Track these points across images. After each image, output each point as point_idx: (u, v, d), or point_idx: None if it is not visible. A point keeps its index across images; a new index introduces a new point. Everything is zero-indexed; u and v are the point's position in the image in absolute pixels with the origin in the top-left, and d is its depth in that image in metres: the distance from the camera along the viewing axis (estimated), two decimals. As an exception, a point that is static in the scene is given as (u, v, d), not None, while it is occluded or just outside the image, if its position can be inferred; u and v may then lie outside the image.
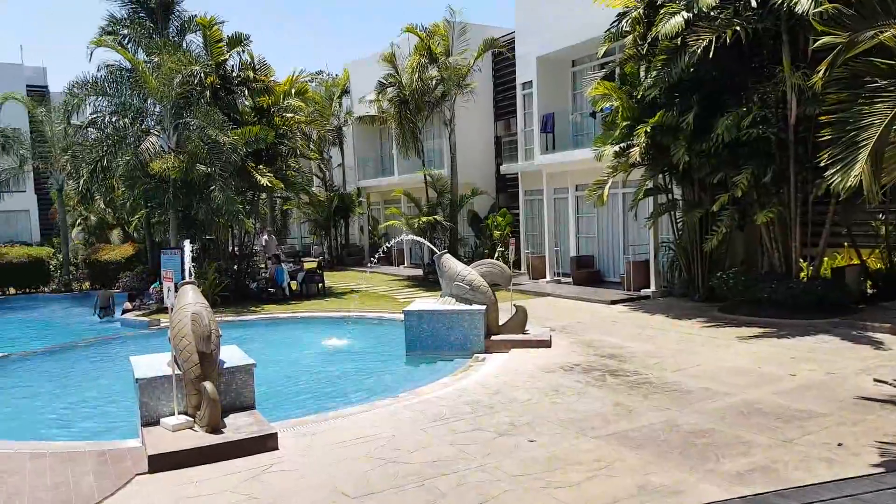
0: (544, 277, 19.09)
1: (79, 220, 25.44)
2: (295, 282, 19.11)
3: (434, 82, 19.90)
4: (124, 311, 16.41)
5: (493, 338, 10.61)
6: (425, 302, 11.82)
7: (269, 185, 17.70)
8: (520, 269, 20.16)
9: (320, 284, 19.26)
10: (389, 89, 20.53)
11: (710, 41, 11.34)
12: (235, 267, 18.85)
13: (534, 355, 9.93)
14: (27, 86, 24.80)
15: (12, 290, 21.34)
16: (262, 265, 21.27)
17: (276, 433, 6.30)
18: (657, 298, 15.36)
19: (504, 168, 22.28)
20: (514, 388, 8.16)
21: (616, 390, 7.93)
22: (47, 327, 16.72)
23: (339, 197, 27.97)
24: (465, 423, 6.85)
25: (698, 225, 14.18)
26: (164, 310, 16.13)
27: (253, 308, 16.44)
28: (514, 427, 6.68)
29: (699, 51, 11.40)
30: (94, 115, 18.01)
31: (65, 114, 19.57)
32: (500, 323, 10.99)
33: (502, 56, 21.71)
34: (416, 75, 19.26)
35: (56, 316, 18.26)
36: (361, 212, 28.40)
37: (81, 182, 17.82)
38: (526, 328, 11.06)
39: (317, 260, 27.58)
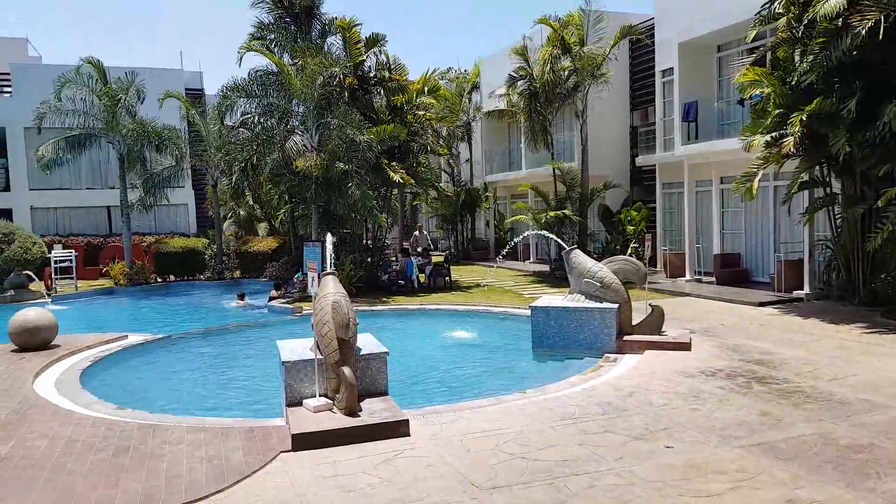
0: (683, 276, 18.19)
1: (230, 214, 27.64)
2: (423, 275, 19.59)
3: (566, 73, 19.55)
4: (270, 299, 17.61)
5: (626, 338, 10.25)
6: (553, 298, 11.64)
7: (401, 181, 18.26)
8: (655, 267, 19.34)
9: (447, 278, 19.61)
10: (520, 82, 20.43)
11: (877, 21, 10.23)
12: (369, 259, 19.64)
13: (671, 358, 9.48)
14: (185, 89, 27.17)
15: (172, 277, 23.55)
16: (393, 258, 21.99)
17: (407, 420, 6.48)
18: (811, 301, 14.13)
19: (640, 160, 21.46)
20: (648, 392, 7.83)
21: (763, 398, 7.38)
22: (201, 311, 18.31)
23: (466, 192, 28.30)
24: (596, 424, 6.67)
25: (860, 222, 12.87)
26: (305, 298, 17.20)
27: (384, 299, 17.04)
28: (649, 432, 6.41)
29: (864, 32, 10.32)
30: (245, 117, 19.46)
31: (218, 115, 21.32)
32: (634, 323, 10.60)
33: (640, 43, 20.92)
34: (548, 67, 19.00)
35: (209, 301, 19.95)
36: (488, 206, 28.55)
37: (234, 179, 19.33)
38: (663, 329, 10.58)
39: (444, 254, 28.10)
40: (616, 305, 10.31)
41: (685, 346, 10.00)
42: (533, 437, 6.32)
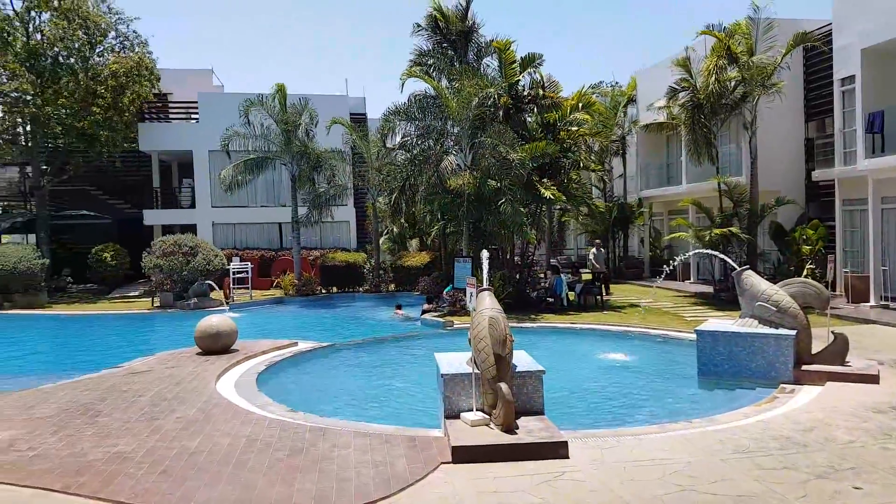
0: (867, 301, 16.31)
1: (385, 231, 28.96)
2: (573, 293, 19.21)
3: (733, 83, 18.44)
4: (423, 312, 18.15)
5: (805, 367, 9.31)
6: (720, 322, 10.90)
7: (551, 197, 18.10)
8: (835, 291, 17.51)
9: (598, 297, 19.06)
10: (682, 94, 19.57)
11: None
12: (517, 276, 19.61)
13: (856, 391, 8.49)
14: (350, 113, 28.98)
15: (335, 289, 25.07)
16: (542, 275, 21.79)
17: (566, 441, 6.33)
18: None
19: (817, 174, 19.62)
20: (831, 427, 7.05)
21: (978, 445, 6.35)
22: (361, 322, 19.26)
23: (619, 207, 27.42)
24: (773, 459, 6.10)
25: None
26: (456, 312, 17.54)
27: (532, 316, 16.90)
28: (835, 470, 5.75)
29: None
30: (404, 139, 20.37)
31: (381, 138, 22.52)
32: (814, 351, 9.62)
33: (815, 50, 19.27)
34: (713, 77, 18.02)
35: (368, 312, 20.96)
36: (642, 223, 27.45)
37: (393, 198, 20.24)
38: (846, 359, 9.51)
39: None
40: (794, 332, 9.43)
41: (872, 379, 8.94)
42: (703, 469, 5.91)
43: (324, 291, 24.81)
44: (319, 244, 29.24)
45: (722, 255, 12.48)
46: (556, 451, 6.23)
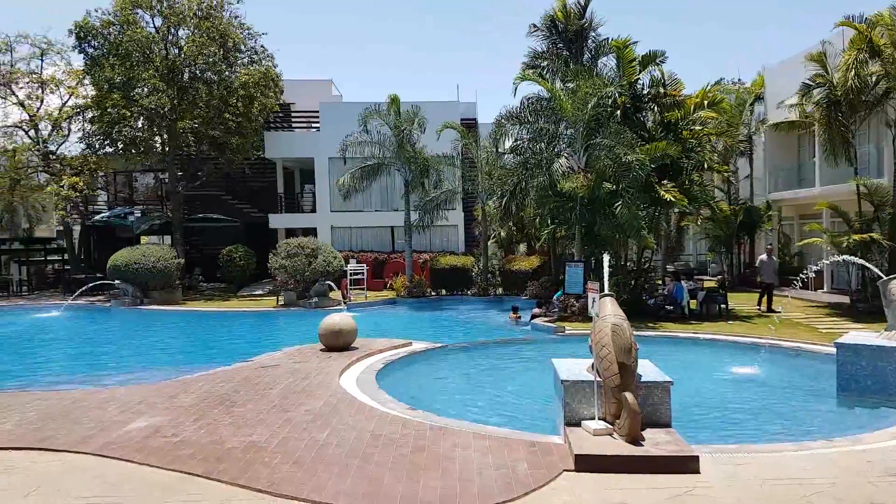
0: None
1: (493, 235, 29.02)
2: (694, 301, 18.34)
3: (874, 79, 16.92)
4: (533, 317, 17.98)
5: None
6: (862, 335, 10.00)
7: (672, 199, 17.38)
8: None
9: (722, 306, 18.08)
10: (816, 90, 18.19)
11: None
12: (633, 282, 18.99)
13: None
14: (461, 119, 29.27)
15: (444, 291, 25.41)
16: (659, 281, 20.97)
17: (697, 456, 6.03)
18: None
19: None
20: None
21: None
22: (470, 324, 19.38)
23: (745, 211, 25.85)
24: (935, 486, 5.51)
25: None
26: (566, 317, 17.25)
27: (650, 325, 16.29)
28: None
29: None
30: (515, 143, 20.30)
31: (493, 142, 22.60)
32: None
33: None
34: (852, 72, 16.62)
35: (476, 315, 21.06)
36: (770, 227, 25.75)
37: (503, 201, 20.23)
38: None
39: (716, 279, 26.01)
40: (954, 348, 8.50)
41: None
42: (850, 491, 5.45)
43: (433, 293, 25.22)
44: (429, 247, 29.77)
45: (865, 263, 11.48)
46: (686, 465, 5.96)
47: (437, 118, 25.56)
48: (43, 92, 30.53)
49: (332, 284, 23.35)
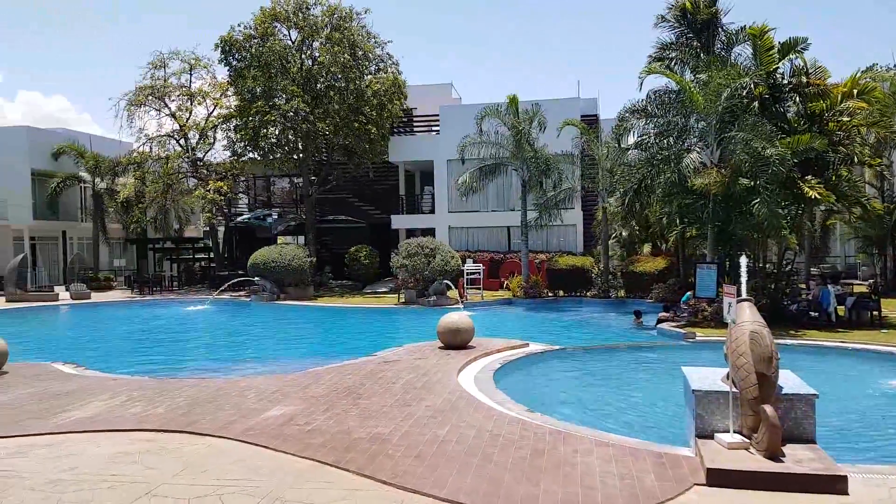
0: None
1: (613, 235, 28.13)
2: (842, 307, 16.78)
3: None
4: (659, 321, 17.23)
5: None
6: None
7: (817, 196, 15.98)
8: None
9: (874, 313, 16.42)
10: None
11: None
12: (772, 286, 17.68)
13: None
14: (581, 115, 28.64)
15: (561, 293, 24.98)
16: (803, 285, 19.38)
17: (845, 476, 5.49)
18: None
19: None
20: None
21: None
22: (589, 327, 18.89)
23: (903, 209, 23.31)
24: None
25: None
26: (697, 323, 16.36)
27: (791, 332, 15.09)
28: None
29: None
30: (640, 138, 19.54)
31: (616, 138, 21.91)
32: None
33: None
34: None
35: (596, 318, 20.50)
36: (931, 227, 23.04)
37: (626, 200, 19.54)
38: None
39: (867, 284, 23.65)
40: None
41: None
42: None
43: (550, 294, 24.87)
44: (546, 247, 29.42)
45: None
46: (833, 485, 5.44)
47: (557, 116, 25.21)
48: (192, 104, 33.42)
49: (450, 283, 23.68)
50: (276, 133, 29.63)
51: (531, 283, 24.70)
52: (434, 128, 32.84)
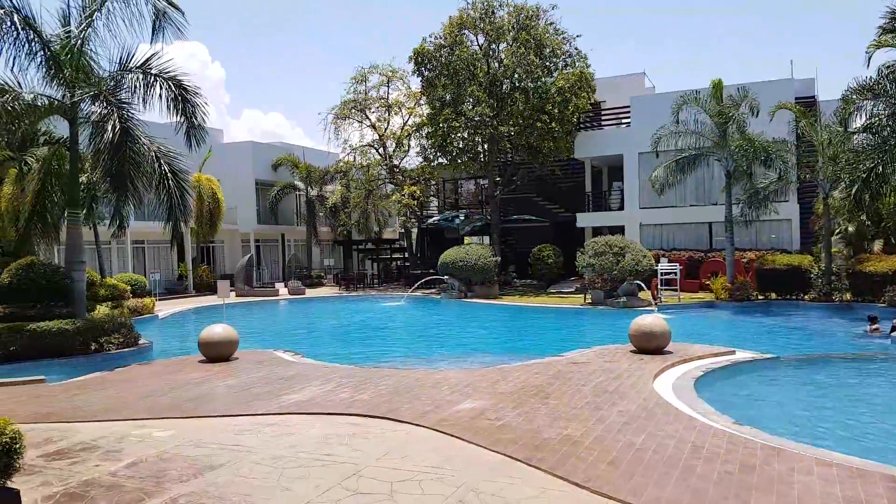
0: None
1: (837, 230, 24.97)
2: None
3: None
4: (894, 329, 14.96)
5: None
6: None
7: None
8: None
9: None
10: None
11: None
12: None
13: None
14: (795, 98, 25.75)
15: (773, 295, 22.67)
16: None
17: None
18: None
19: None
20: None
21: None
22: (808, 335, 16.96)
23: None
24: None
25: None
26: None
27: None
28: None
29: None
30: (870, 121, 17.11)
31: (838, 121, 19.41)
32: None
33: None
34: None
35: (816, 324, 18.33)
36: None
37: (854, 190, 17.23)
38: None
39: None
40: None
41: None
42: None
43: (760, 297, 22.71)
44: (754, 245, 26.96)
45: None
46: None
47: (768, 100, 23.02)
48: (389, 114, 35.73)
49: (642, 284, 22.65)
50: (464, 138, 30.60)
51: (738, 285, 22.73)
52: (624, 120, 31.69)
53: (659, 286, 23.49)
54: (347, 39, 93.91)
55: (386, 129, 35.82)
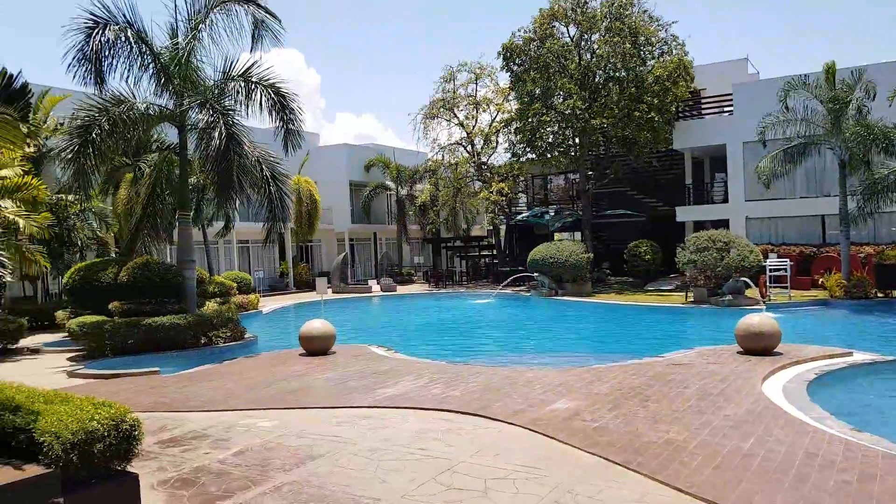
0: None
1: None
2: None
3: None
4: None
5: None
6: None
7: None
8: None
9: None
10: None
11: None
12: None
13: None
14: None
15: (895, 293, 20.91)
16: None
17: None
18: None
19: None
20: None
21: None
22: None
23: None
24: None
25: None
26: None
27: None
28: None
29: None
30: None
31: None
32: None
33: None
34: None
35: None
36: None
37: None
38: None
39: None
40: None
41: None
42: None
43: (880, 295, 20.98)
44: (872, 239, 24.96)
45: None
46: None
47: (886, 83, 21.19)
48: (477, 111, 35.72)
49: (749, 281, 21.42)
50: (554, 132, 30.10)
51: (854, 281, 21.08)
52: (727, 108, 30.13)
53: (767, 283, 22.15)
54: (436, 39, 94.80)
55: (474, 127, 35.85)
